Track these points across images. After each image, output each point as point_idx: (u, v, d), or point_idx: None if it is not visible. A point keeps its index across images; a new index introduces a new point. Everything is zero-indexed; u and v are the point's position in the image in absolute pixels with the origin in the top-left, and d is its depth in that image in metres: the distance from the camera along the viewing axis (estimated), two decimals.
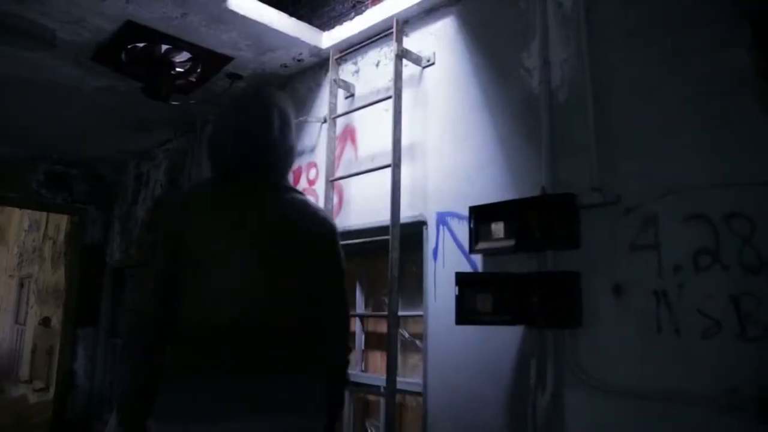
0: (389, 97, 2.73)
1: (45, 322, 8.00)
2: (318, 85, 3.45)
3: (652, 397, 1.80)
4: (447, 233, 2.47)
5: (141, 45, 3.26)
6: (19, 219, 10.28)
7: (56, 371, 6.15)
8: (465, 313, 2.19)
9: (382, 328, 2.95)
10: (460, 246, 2.41)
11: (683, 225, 1.80)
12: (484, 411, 2.23)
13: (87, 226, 6.11)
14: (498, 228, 2.22)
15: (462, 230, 2.39)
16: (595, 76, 2.10)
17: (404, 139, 2.68)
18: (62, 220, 7.41)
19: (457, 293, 2.20)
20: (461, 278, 2.23)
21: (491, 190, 2.35)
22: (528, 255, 2.17)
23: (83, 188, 6.06)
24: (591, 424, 1.94)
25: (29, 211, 8.81)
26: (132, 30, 3.11)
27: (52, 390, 6.47)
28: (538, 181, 2.18)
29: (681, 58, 1.90)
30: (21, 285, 10.20)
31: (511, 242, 2.16)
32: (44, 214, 8.41)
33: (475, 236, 2.27)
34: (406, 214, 2.61)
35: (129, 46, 3.29)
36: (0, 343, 10.79)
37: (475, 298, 2.18)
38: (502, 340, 2.22)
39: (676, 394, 1.75)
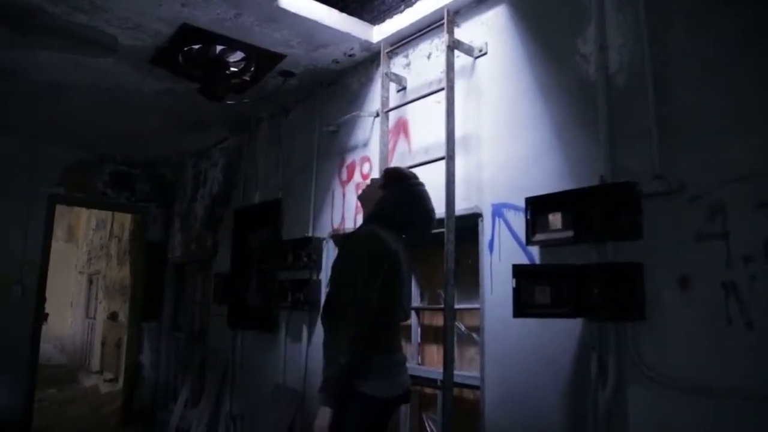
0: (441, 89, 2.72)
1: (113, 316, 8.37)
2: (369, 79, 3.46)
3: (721, 394, 1.72)
4: (503, 225, 2.44)
5: (197, 47, 3.35)
6: (87, 218, 10.77)
7: (124, 363, 6.43)
8: (523, 306, 2.16)
9: (439, 321, 2.95)
10: (516, 238, 2.38)
11: (753, 213, 1.72)
12: (543, 404, 2.20)
13: (149, 223, 6.36)
14: (555, 219, 2.18)
15: (518, 222, 2.36)
16: (656, 60, 2.02)
17: (458, 130, 2.66)
18: (126, 219, 7.72)
19: (514, 285, 2.18)
20: (518, 270, 2.20)
21: (547, 180, 2.30)
22: (587, 246, 2.11)
23: (145, 187, 6.30)
24: (655, 421, 1.88)
25: (96, 210, 9.21)
26: (188, 33, 3.20)
27: (120, 380, 6.78)
28: (596, 169, 2.12)
29: (750, 39, 1.81)
30: (90, 281, 10.70)
31: (569, 233, 2.12)
32: (110, 213, 8.79)
33: (532, 228, 2.23)
34: (461, 207, 2.59)
35: (185, 49, 3.38)
36: (73, 336, 11.35)
37: (533, 291, 2.14)
38: (560, 333, 2.18)
39: (747, 392, 1.67)
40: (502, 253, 2.43)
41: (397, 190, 2.31)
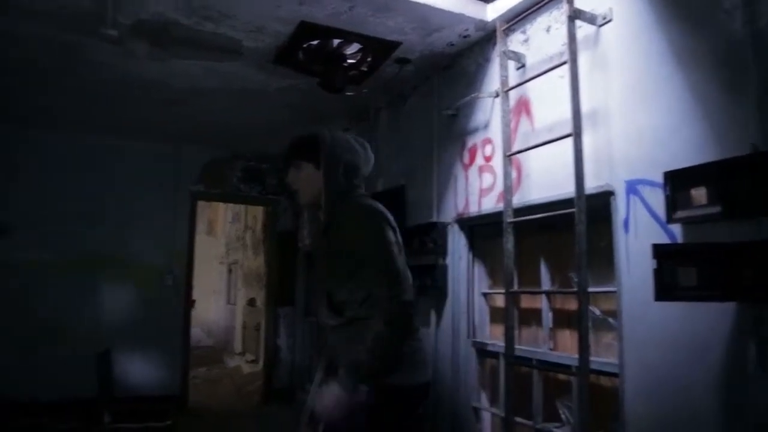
0: (564, 63, 2.58)
1: (251, 302, 8.98)
2: (486, 59, 3.38)
3: None
4: (638, 202, 2.28)
5: (315, 43, 3.46)
6: (224, 212, 11.59)
7: (263, 346, 6.89)
8: (665, 288, 2.01)
9: (570, 305, 2.84)
10: (654, 215, 2.21)
11: None
12: (692, 395, 2.04)
13: (279, 215, 6.71)
14: (699, 194, 1.99)
15: (656, 198, 2.19)
16: None
17: (584, 105, 2.52)
18: (259, 211, 8.21)
19: (655, 267, 2.03)
20: (659, 250, 2.05)
21: (687, 152, 2.11)
22: (738, 222, 1.92)
23: (274, 181, 6.66)
24: None
25: (231, 204, 9.88)
26: (306, 30, 3.31)
27: (260, 362, 7.28)
28: (745, 138, 1.91)
29: None
30: (229, 270, 11.54)
31: (716, 209, 1.93)
32: (243, 206, 9.39)
33: (673, 204, 2.06)
34: (591, 185, 2.46)
35: (304, 46, 3.50)
36: (217, 321, 12.31)
37: (677, 272, 1.98)
38: (709, 318, 2.00)
39: None
40: (639, 233, 2.28)
41: (330, 155, 2.11)
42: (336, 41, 3.45)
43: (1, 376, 5.19)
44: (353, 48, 3.52)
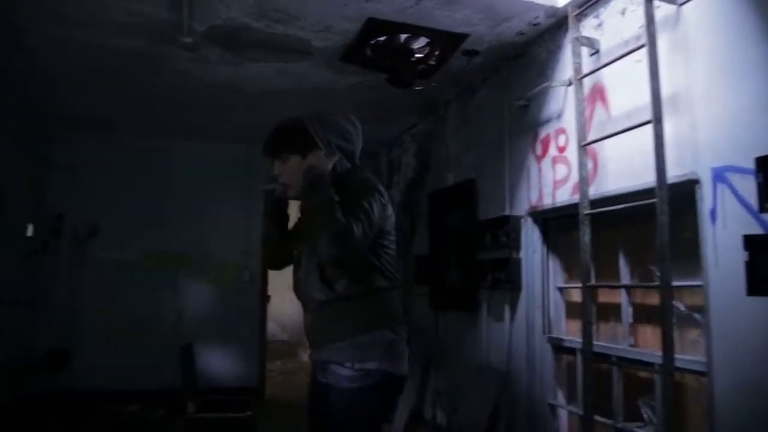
0: (641, 46, 2.46)
1: None
2: (558, 46, 3.27)
3: None
4: (727, 191, 2.15)
5: (382, 39, 3.47)
6: (295, 211, 11.87)
7: None
8: (759, 282, 1.88)
9: (651, 300, 2.71)
10: (745, 204, 2.07)
11: None
12: None
13: None
14: None
15: (747, 186, 2.05)
16: None
17: (664, 89, 2.39)
18: None
19: (746, 259, 1.91)
20: (752, 241, 1.92)
21: None
22: None
23: None
24: None
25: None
26: (373, 26, 3.32)
27: None
28: None
29: None
30: None
31: None
32: None
33: (766, 192, 1.93)
34: (674, 173, 2.34)
35: (372, 42, 3.52)
36: (291, 316, 12.63)
37: None
38: None
39: None
40: (728, 223, 2.14)
41: (323, 140, 1.96)
42: (403, 36, 3.44)
43: (93, 366, 5.62)
44: (421, 42, 3.51)
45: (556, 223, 3.41)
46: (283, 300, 13.32)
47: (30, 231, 5.57)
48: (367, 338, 1.83)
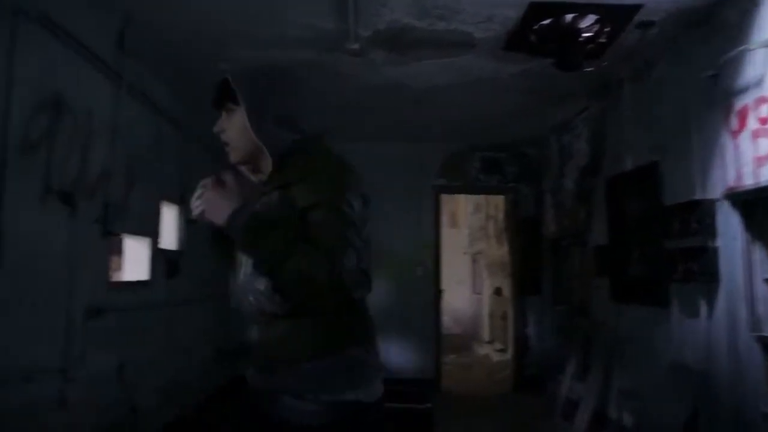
0: None
1: (497, 291, 9.05)
2: (755, 4, 2.87)
3: None
4: None
5: (547, 21, 3.33)
6: (464, 204, 11.88)
7: (512, 335, 6.89)
8: None
9: None
10: None
11: None
12: None
13: (520, 202, 6.65)
14: None
15: None
16: None
17: None
18: (499, 200, 8.24)
19: None
20: None
21: None
22: None
23: (512, 169, 6.64)
24: None
25: (471, 195, 10.08)
26: (536, 10, 3.20)
27: (509, 351, 7.29)
28: None
29: None
30: (473, 260, 11.79)
31: None
32: (483, 196, 9.51)
33: None
34: None
35: (535, 27, 3.39)
36: (464, 310, 12.69)
37: None
38: None
39: None
40: None
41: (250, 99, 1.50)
42: (569, 16, 3.27)
43: None
44: (589, 20, 3.30)
45: (762, 206, 2.99)
46: (455, 294, 13.48)
47: None
48: (337, 360, 1.39)
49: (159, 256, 4.29)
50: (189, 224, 4.79)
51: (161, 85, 4.26)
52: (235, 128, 1.51)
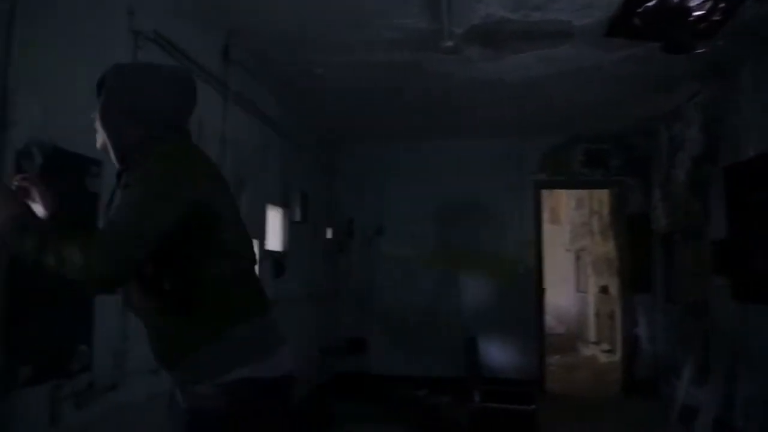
0: None
1: (603, 289, 8.65)
2: None
3: None
4: None
5: (652, 3, 3.14)
6: (566, 199, 11.47)
7: (620, 335, 6.56)
8: None
9: None
10: None
11: None
12: None
13: (627, 196, 6.32)
14: None
15: None
16: None
17: None
18: (604, 195, 7.88)
19: None
20: None
21: None
22: None
23: (617, 161, 6.32)
24: None
25: (573, 190, 9.71)
26: None
27: (617, 352, 6.94)
28: None
29: None
30: (576, 257, 11.34)
31: None
32: (586, 191, 9.13)
33: None
34: None
35: (639, 10, 3.21)
36: (567, 309, 12.25)
37: None
38: None
39: None
40: None
41: (110, 98, 1.49)
42: None
43: (384, 352, 6.33)
44: None
45: None
46: (558, 292, 13.04)
47: (329, 234, 6.47)
48: (223, 341, 1.41)
49: (266, 257, 4.49)
50: (293, 226, 4.98)
51: (263, 93, 4.46)
52: (97, 118, 1.54)
